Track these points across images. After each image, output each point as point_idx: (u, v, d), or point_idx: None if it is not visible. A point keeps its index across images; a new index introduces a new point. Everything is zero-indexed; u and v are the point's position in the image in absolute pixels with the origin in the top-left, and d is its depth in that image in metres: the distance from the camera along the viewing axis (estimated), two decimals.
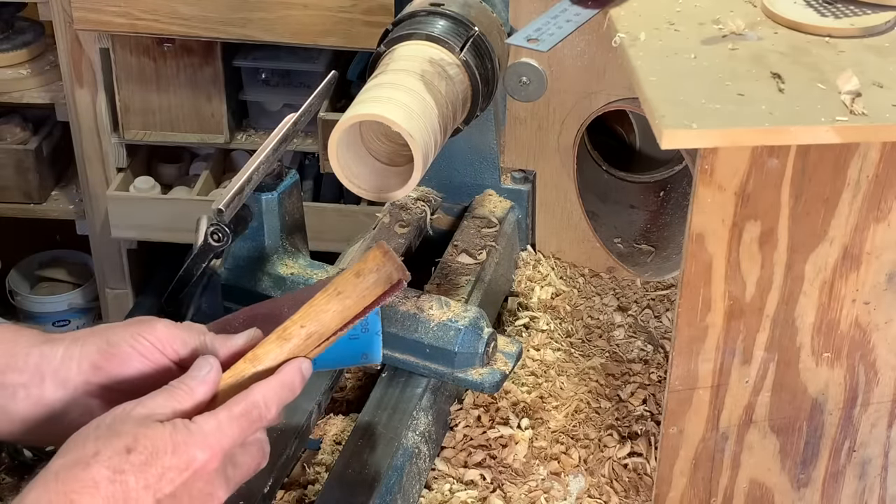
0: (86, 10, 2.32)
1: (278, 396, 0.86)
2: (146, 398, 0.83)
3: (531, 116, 1.48)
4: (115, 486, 0.77)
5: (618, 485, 1.22)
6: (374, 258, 0.89)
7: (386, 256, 0.89)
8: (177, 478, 0.79)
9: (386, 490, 1.09)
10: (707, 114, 0.90)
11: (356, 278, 0.88)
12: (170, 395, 0.83)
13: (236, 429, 0.83)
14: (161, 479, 0.79)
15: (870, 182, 0.94)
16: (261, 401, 0.84)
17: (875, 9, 1.06)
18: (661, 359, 1.39)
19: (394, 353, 1.19)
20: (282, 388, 0.86)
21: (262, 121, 2.68)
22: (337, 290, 0.88)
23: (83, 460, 0.78)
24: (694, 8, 1.10)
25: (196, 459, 0.80)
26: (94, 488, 0.77)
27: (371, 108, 1.02)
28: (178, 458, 0.79)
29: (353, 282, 0.88)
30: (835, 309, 1.00)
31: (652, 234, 1.50)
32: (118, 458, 0.78)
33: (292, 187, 1.24)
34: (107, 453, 0.78)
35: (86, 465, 0.77)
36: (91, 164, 2.64)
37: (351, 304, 0.88)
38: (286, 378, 0.87)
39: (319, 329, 0.88)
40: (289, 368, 0.87)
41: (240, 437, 0.83)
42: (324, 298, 0.88)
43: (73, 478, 0.77)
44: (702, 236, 0.95)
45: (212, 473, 0.81)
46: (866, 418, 1.06)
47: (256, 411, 0.84)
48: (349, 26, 2.29)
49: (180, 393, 0.83)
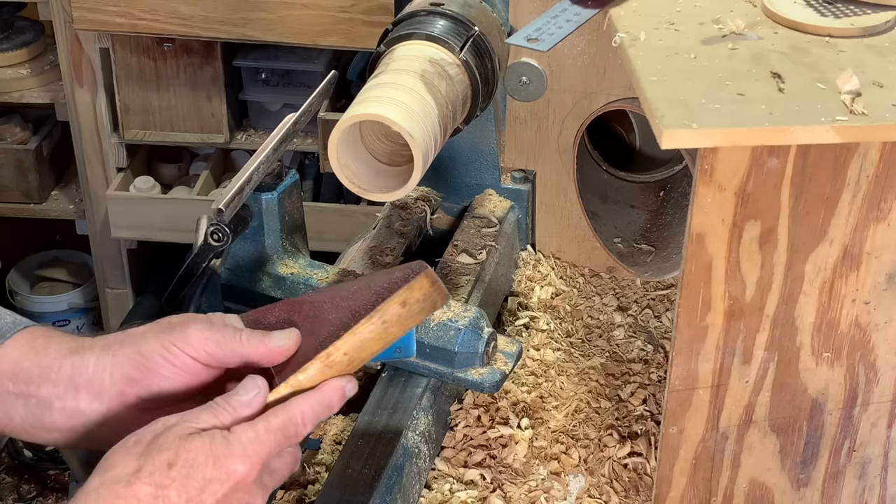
0: (86, 9, 2.32)
1: (315, 413, 0.86)
2: (188, 414, 0.83)
3: (531, 116, 1.48)
4: (158, 501, 0.78)
5: (618, 485, 1.22)
6: (422, 288, 0.88)
7: (433, 287, 0.88)
8: (218, 490, 0.80)
9: (386, 490, 1.09)
10: (707, 114, 0.90)
11: (402, 308, 0.88)
12: (213, 414, 0.83)
13: (273, 441, 0.83)
14: (203, 492, 0.79)
15: (870, 182, 0.94)
16: (298, 416, 0.85)
17: (875, 9, 1.06)
18: (661, 359, 1.39)
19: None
20: (320, 405, 0.87)
21: (262, 121, 2.68)
22: (382, 319, 0.88)
23: (124, 477, 0.78)
24: (694, 8, 1.10)
25: (236, 472, 0.80)
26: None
27: (371, 108, 1.02)
28: (218, 470, 0.80)
29: (399, 312, 0.88)
30: (835, 309, 1.00)
31: (652, 234, 1.50)
32: (160, 474, 0.78)
33: (292, 187, 1.24)
34: (148, 469, 0.78)
35: (128, 483, 0.78)
36: (91, 164, 2.65)
37: (395, 332, 0.89)
38: (325, 396, 0.87)
39: (362, 355, 0.88)
40: (330, 386, 0.88)
41: (276, 449, 0.83)
42: (369, 327, 0.88)
43: (114, 494, 0.78)
44: (702, 236, 0.95)
45: (251, 484, 0.82)
46: (866, 418, 1.06)
47: (293, 427, 0.85)
48: (349, 26, 2.29)
49: (223, 413, 0.84)
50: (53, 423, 0.90)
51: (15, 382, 0.89)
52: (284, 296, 1.23)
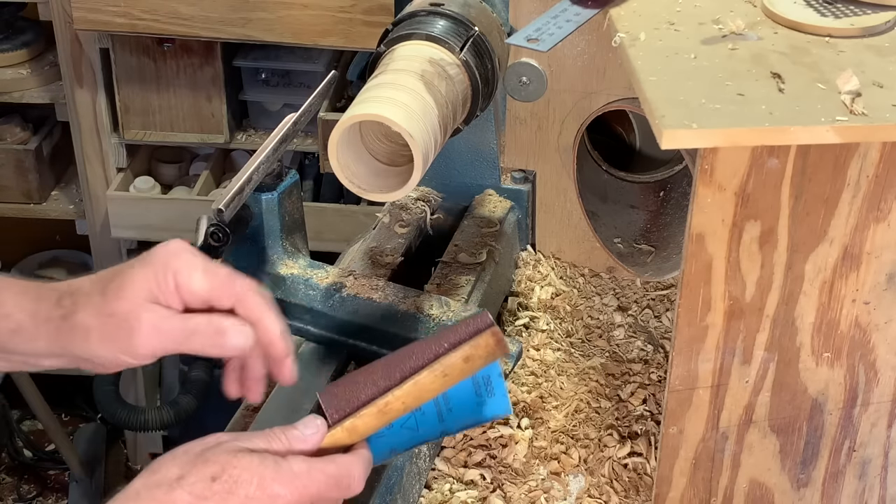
0: (86, 10, 2.32)
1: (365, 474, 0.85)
2: (242, 435, 0.82)
3: (531, 116, 1.48)
4: None
5: (618, 485, 1.22)
6: (487, 345, 0.87)
7: (497, 344, 0.87)
8: None
9: (386, 490, 1.09)
10: (707, 114, 0.90)
11: (464, 364, 0.87)
12: (266, 440, 0.82)
13: (323, 483, 0.82)
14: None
15: (870, 182, 0.94)
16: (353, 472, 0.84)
17: (875, 9, 1.06)
18: (661, 359, 1.39)
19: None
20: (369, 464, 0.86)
21: (262, 121, 2.68)
22: (444, 372, 0.87)
23: (166, 482, 0.78)
24: (694, 8, 1.10)
25: (279, 496, 0.79)
26: None
27: (371, 108, 1.02)
28: (261, 491, 0.78)
29: (461, 367, 0.87)
30: (835, 309, 1.00)
31: (652, 234, 1.50)
32: (202, 485, 0.77)
33: (292, 187, 1.24)
34: (191, 479, 0.78)
35: (169, 489, 0.77)
36: (91, 164, 2.65)
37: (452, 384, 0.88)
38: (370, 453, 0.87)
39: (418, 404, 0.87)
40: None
41: (325, 493, 0.82)
42: (430, 378, 0.87)
43: (153, 499, 0.77)
44: (702, 236, 0.95)
45: None
46: (866, 418, 1.06)
47: (347, 479, 0.83)
48: (349, 26, 2.29)
49: (277, 441, 0.83)
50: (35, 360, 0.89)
51: None
52: (284, 296, 1.23)
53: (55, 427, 2.74)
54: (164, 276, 0.86)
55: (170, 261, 0.86)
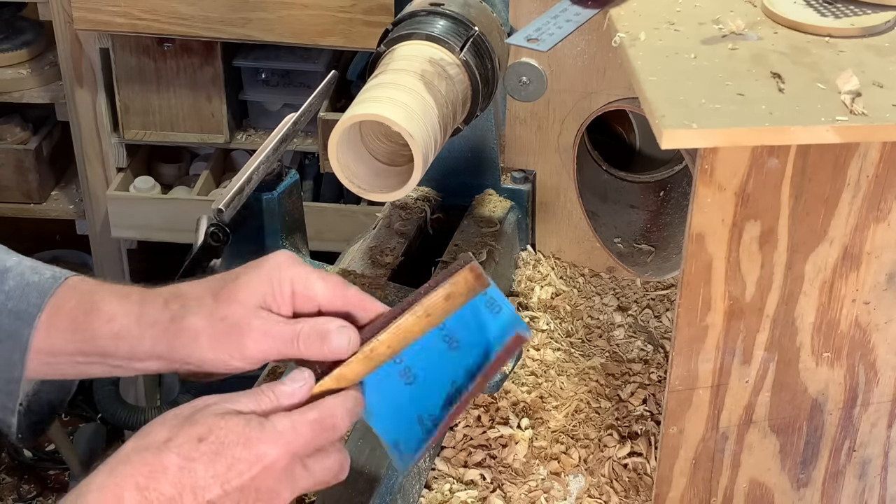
0: (86, 10, 2.32)
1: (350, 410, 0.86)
2: (230, 395, 0.84)
3: (531, 116, 1.48)
4: (184, 472, 0.78)
5: (618, 485, 1.22)
6: (466, 281, 0.88)
7: (477, 280, 0.88)
8: (245, 471, 0.80)
9: (386, 490, 1.09)
10: (707, 114, 0.90)
11: (445, 302, 0.88)
12: (254, 400, 0.84)
13: (308, 432, 0.83)
14: (229, 471, 0.80)
15: (870, 182, 0.94)
16: (335, 410, 0.85)
17: (875, 9, 1.06)
18: (661, 359, 1.39)
19: None
20: (355, 402, 0.87)
21: (262, 121, 2.68)
22: (426, 312, 0.88)
23: (154, 445, 0.79)
24: (694, 8, 1.10)
25: (266, 455, 0.81)
26: (162, 473, 0.78)
27: (371, 108, 1.02)
28: (248, 451, 0.80)
29: (443, 305, 0.88)
30: (835, 309, 1.00)
31: (652, 234, 1.50)
32: (189, 446, 0.79)
33: (292, 187, 1.24)
34: (178, 441, 0.79)
35: (157, 451, 0.79)
36: (91, 164, 2.65)
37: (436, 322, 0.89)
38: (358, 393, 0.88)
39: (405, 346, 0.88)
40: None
41: (311, 442, 0.83)
42: (412, 321, 0.88)
43: (142, 461, 0.79)
44: (702, 236, 0.95)
45: (280, 472, 0.82)
46: (866, 418, 1.06)
47: (330, 420, 0.85)
48: (349, 26, 2.29)
49: (265, 399, 0.84)
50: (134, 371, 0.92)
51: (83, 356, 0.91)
52: None
53: (55, 427, 2.74)
54: (280, 283, 0.89)
55: (284, 270, 0.90)
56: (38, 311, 0.91)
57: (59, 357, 0.91)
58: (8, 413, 0.93)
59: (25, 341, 0.90)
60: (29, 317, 0.91)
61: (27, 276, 0.93)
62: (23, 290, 0.92)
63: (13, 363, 0.91)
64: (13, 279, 0.93)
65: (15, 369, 0.91)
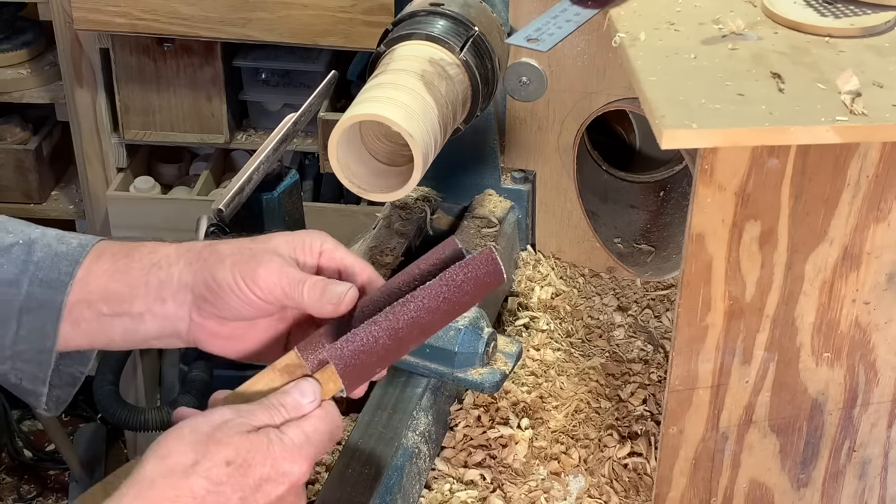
0: (86, 10, 2.32)
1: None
2: (245, 409, 0.84)
3: (531, 116, 1.48)
4: (213, 497, 0.79)
5: (618, 485, 1.22)
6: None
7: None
8: (272, 491, 0.81)
9: (386, 490, 1.09)
10: (707, 114, 0.90)
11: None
12: (268, 414, 0.85)
13: (322, 444, 0.85)
14: (257, 492, 0.80)
15: (870, 182, 0.94)
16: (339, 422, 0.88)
17: (875, 9, 1.06)
18: (661, 359, 1.39)
19: None
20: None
21: (262, 121, 2.68)
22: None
23: (181, 468, 0.79)
24: (694, 8, 1.10)
25: (291, 474, 0.82)
26: (191, 499, 0.78)
27: (371, 108, 1.02)
28: (274, 471, 0.81)
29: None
30: (835, 309, 1.00)
31: (652, 234, 1.50)
32: (217, 470, 0.79)
33: (292, 187, 1.25)
34: (206, 464, 0.79)
35: (184, 475, 0.79)
36: (91, 164, 2.65)
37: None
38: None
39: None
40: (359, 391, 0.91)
41: (321, 450, 0.85)
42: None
43: (170, 486, 0.78)
44: (702, 236, 0.95)
45: (300, 487, 0.84)
46: (866, 418, 1.06)
47: (337, 432, 0.87)
48: (349, 26, 2.29)
49: (278, 414, 0.85)
50: (149, 333, 0.94)
51: (108, 304, 0.92)
52: None
53: (55, 427, 2.74)
54: (311, 241, 0.94)
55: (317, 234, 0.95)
56: (69, 279, 0.92)
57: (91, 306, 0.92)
58: (39, 383, 0.94)
59: (59, 309, 0.91)
60: (61, 285, 0.92)
61: (54, 246, 0.94)
62: (52, 259, 0.93)
63: (45, 333, 0.92)
64: (41, 250, 0.94)
65: (47, 339, 0.92)
